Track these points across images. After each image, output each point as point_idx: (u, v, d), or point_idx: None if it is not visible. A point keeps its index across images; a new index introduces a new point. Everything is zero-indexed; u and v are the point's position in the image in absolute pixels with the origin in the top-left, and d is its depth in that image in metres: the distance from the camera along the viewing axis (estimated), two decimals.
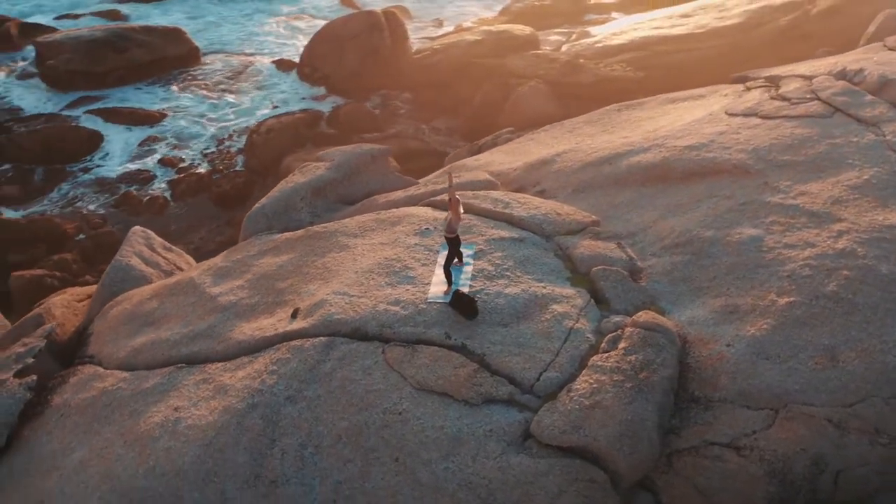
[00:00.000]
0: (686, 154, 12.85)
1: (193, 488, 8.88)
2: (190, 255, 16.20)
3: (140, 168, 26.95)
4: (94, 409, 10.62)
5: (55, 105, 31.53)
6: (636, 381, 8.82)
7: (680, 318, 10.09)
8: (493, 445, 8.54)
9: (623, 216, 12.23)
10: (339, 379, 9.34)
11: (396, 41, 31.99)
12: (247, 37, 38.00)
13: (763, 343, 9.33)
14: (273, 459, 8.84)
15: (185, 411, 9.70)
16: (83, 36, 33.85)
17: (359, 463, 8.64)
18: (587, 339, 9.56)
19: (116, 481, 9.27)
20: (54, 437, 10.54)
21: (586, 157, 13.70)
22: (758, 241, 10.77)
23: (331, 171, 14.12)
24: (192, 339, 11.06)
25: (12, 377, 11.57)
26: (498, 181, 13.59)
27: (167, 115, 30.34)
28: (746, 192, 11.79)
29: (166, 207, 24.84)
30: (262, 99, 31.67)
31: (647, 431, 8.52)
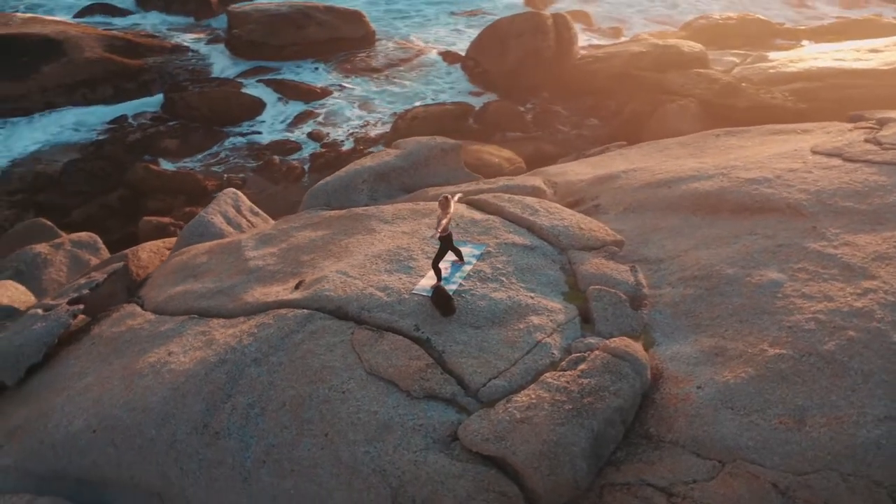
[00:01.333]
0: (745, 187, 12.24)
1: (152, 425, 9.67)
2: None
3: (289, 138, 28.75)
4: (116, 343, 11.72)
5: (232, 71, 34.23)
6: (577, 405, 8.67)
7: (664, 352, 9.75)
8: (417, 440, 8.70)
9: (659, 241, 11.87)
10: (304, 351, 9.82)
11: (561, 45, 32.02)
12: (422, 27, 39.31)
13: (734, 391, 8.87)
14: (222, 413, 9.46)
15: (175, 356, 10.53)
16: (269, 9, 36.43)
17: (293, 431, 9.07)
18: (552, 354, 9.48)
19: (100, 407, 10.25)
20: (79, 362, 11.73)
21: (650, 178, 13.35)
22: (776, 286, 10.16)
23: (398, 158, 14.61)
24: (214, 294, 11.92)
25: (65, 304, 12.96)
26: (551, 190, 13.53)
27: (330, 94, 32.09)
28: (789, 234, 11.10)
29: (301, 178, 26.35)
30: (421, 87, 32.74)
31: (572, 457, 8.36)
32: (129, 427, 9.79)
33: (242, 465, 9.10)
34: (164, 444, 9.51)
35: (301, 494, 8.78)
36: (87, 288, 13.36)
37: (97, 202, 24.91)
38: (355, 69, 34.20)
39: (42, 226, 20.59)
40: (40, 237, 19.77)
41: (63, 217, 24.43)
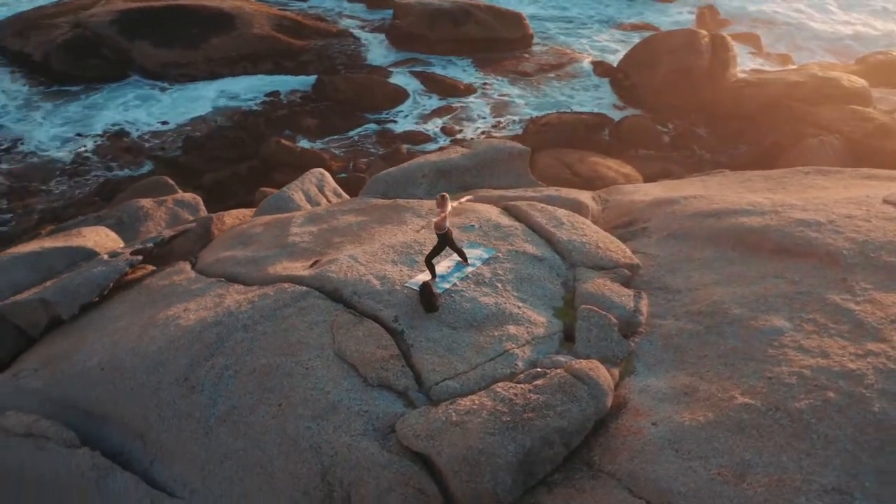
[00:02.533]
0: (791, 227, 11.61)
1: (143, 372, 10.52)
2: None
3: (422, 130, 29.57)
4: (156, 295, 12.74)
5: (385, 60, 35.53)
6: (516, 418, 8.67)
7: (638, 382, 9.53)
8: (358, 424, 9.01)
9: (687, 271, 11.50)
10: (288, 324, 10.34)
11: (716, 66, 30.95)
12: (584, 35, 39.07)
13: (685, 434, 8.57)
14: (202, 370, 10.15)
15: (186, 313, 11.36)
16: (433, 4, 37.46)
17: (255, 397, 9.62)
18: (514, 365, 9.50)
19: (114, 350, 11.24)
20: (121, 307, 12.85)
21: (705, 206, 12.90)
22: (776, 334, 9.66)
23: (463, 157, 14.87)
24: (247, 262, 12.68)
25: (128, 253, 14.16)
26: (599, 207, 13.37)
27: (473, 91, 32.67)
28: (815, 283, 10.47)
29: None
30: (564, 95, 32.69)
31: (495, 468, 8.38)
32: (127, 370, 10.67)
33: (207, 421, 9.73)
34: (149, 390, 10.30)
35: (248, 457, 9.30)
36: (153, 242, 14.50)
37: (229, 169, 26.67)
38: (504, 70, 34.58)
39: (164, 183, 22.34)
40: (159, 193, 21.43)
41: (196, 178, 26.36)
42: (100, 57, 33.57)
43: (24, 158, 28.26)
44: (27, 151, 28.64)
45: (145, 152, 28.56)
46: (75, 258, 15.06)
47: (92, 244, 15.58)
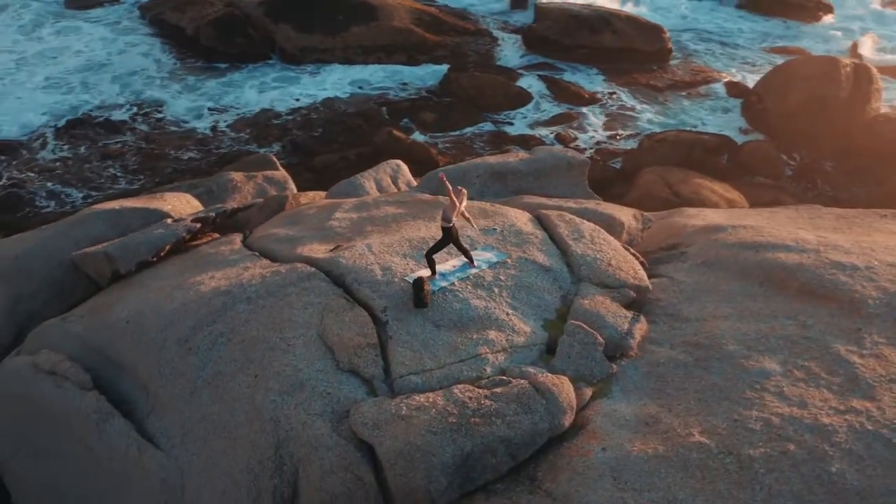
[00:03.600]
0: (824, 269, 10.98)
1: (155, 329, 11.24)
2: None
3: (536, 135, 29.52)
4: (200, 261, 13.50)
5: (517, 62, 35.61)
6: (462, 421, 8.73)
7: (606, 406, 9.36)
8: (318, 405, 9.33)
9: (704, 302, 11.11)
10: (286, 302, 10.79)
11: (856, 97, 29.08)
12: (727, 56, 37.55)
13: (629, 464, 8.38)
14: (201, 334, 10.75)
15: (210, 280, 12.03)
16: (572, 10, 37.21)
17: (237, 365, 10.14)
18: (482, 370, 9.55)
19: (142, 306, 12.06)
20: (170, 269, 13.70)
21: (749, 237, 12.36)
22: (762, 377, 9.24)
23: (521, 162, 14.87)
24: (284, 240, 13.24)
25: (189, 220, 14.98)
26: (640, 226, 13.07)
27: (597, 101, 32.23)
28: (825, 329, 9.90)
29: None
30: (689, 113, 31.73)
31: (429, 467, 8.50)
32: (144, 325, 11.42)
33: (194, 382, 10.31)
34: (156, 347, 11.00)
35: (220, 421, 9.81)
36: (215, 212, 15.31)
37: (340, 154, 27.58)
38: (633, 82, 33.88)
39: (269, 160, 23.40)
40: (263, 168, 22.46)
41: (309, 160, 27.44)
42: (245, 36, 35.43)
43: (161, 124, 30.25)
44: (166, 118, 30.63)
45: (272, 130, 29.92)
46: (150, 219, 16.06)
47: (169, 208, 16.55)
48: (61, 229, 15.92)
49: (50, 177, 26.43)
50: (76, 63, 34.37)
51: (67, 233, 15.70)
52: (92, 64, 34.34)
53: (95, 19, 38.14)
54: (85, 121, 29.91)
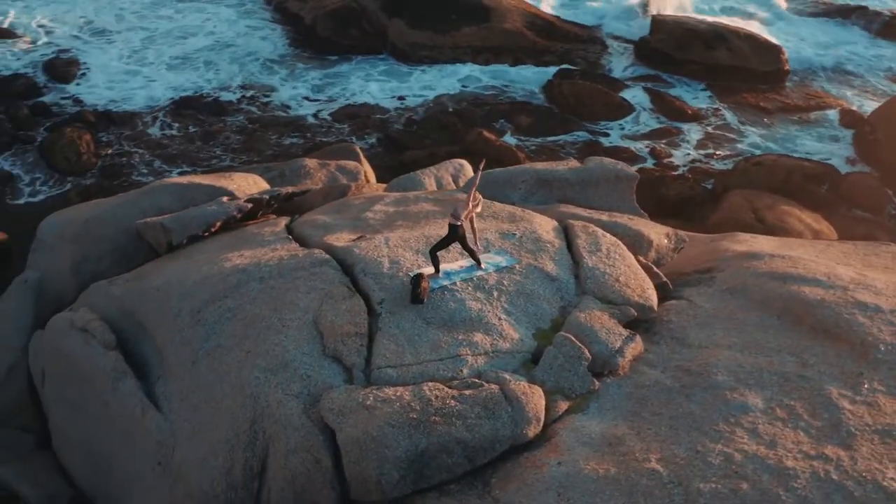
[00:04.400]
0: (844, 308, 10.43)
1: (176, 298, 11.83)
2: None
3: (631, 148, 28.98)
4: (243, 239, 14.01)
5: (624, 73, 35.00)
6: (422, 418, 8.83)
7: (577, 422, 9.28)
8: (296, 386, 9.62)
9: (715, 328, 10.76)
10: (292, 285, 11.14)
11: None
12: (848, 82, 35.61)
13: (578, 482, 8.29)
14: (212, 306, 11.26)
15: (238, 258, 12.52)
16: (688, 24, 36.26)
17: (235, 340, 10.56)
18: (458, 371, 9.61)
19: (174, 276, 12.67)
20: (214, 244, 14.24)
21: (782, 268, 11.84)
22: (741, 411, 8.93)
23: (569, 170, 14.71)
24: (319, 227, 13.62)
25: (242, 200, 15.55)
26: (672, 245, 12.74)
27: (701, 119, 31.23)
28: (824, 370, 9.44)
29: None
30: (790, 139, 30.38)
31: (382, 459, 8.65)
32: (168, 294, 12.05)
33: (196, 353, 10.79)
34: (173, 315, 11.56)
35: (210, 391, 10.26)
36: (269, 195, 15.85)
37: (429, 150, 27.89)
38: (741, 103, 32.65)
39: (351, 150, 23.93)
40: (345, 158, 23.01)
41: (397, 154, 27.91)
42: (359, 29, 36.28)
43: (267, 108, 31.38)
44: (272, 103, 31.74)
45: (371, 123, 30.55)
46: (214, 196, 16.74)
47: (234, 187, 17.20)
48: (131, 198, 16.80)
49: (154, 150, 27.86)
50: (201, 43, 36.02)
51: (136, 202, 16.54)
52: (215, 45, 35.96)
53: (218, 0, 39.79)
54: (196, 99, 31.32)
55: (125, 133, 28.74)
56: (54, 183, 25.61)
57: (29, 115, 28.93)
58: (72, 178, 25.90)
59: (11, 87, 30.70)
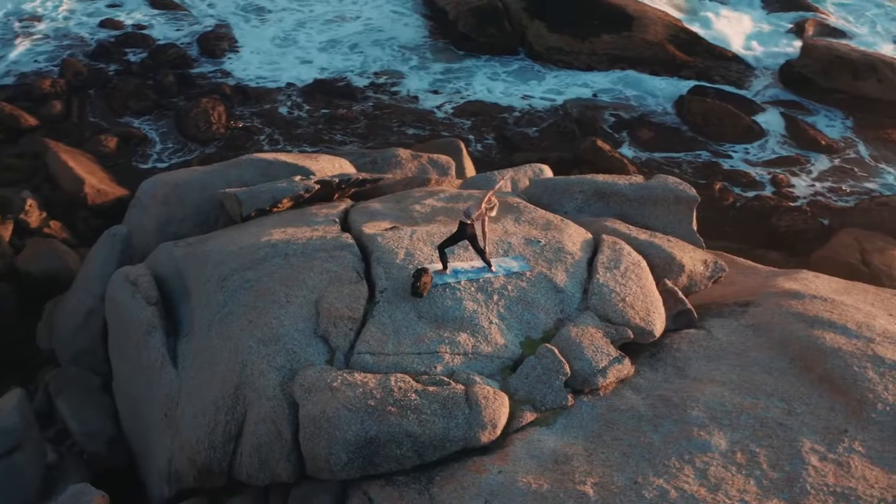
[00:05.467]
0: (857, 361, 9.76)
1: (212, 264, 12.63)
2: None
3: (751, 172, 27.71)
4: (296, 218, 14.42)
5: (762, 95, 33.43)
6: (379, 406, 9.06)
7: (538, 434, 9.27)
8: (281, 359, 10.08)
9: (719, 363, 10.36)
10: (309, 264, 11.61)
11: None
12: None
13: (508, 492, 8.36)
14: (235, 276, 11.93)
15: (278, 234, 13.03)
16: (839, 51, 34.04)
17: (244, 310, 11.16)
18: (432, 367, 9.72)
19: (221, 245, 13.35)
20: (274, 220, 14.79)
21: (811, 311, 11.15)
22: (700, 450, 8.67)
23: (628, 186, 14.38)
24: (366, 214, 13.99)
25: (312, 182, 16.11)
26: (707, 271, 12.27)
27: (835, 150, 29.29)
28: (807, 422, 8.92)
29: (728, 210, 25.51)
30: None
31: (332, 440, 8.99)
32: (207, 259, 12.87)
33: (212, 317, 11.42)
34: (203, 280, 12.33)
35: (213, 354, 10.88)
36: (339, 178, 16.36)
37: (541, 154, 27.76)
38: (882, 138, 30.26)
39: (455, 146, 24.22)
40: (448, 152, 23.29)
41: (508, 155, 27.97)
42: (499, 28, 36.45)
43: (395, 97, 32.14)
44: (401, 93, 32.49)
45: (492, 122, 30.69)
46: (294, 174, 17.45)
47: (317, 168, 17.88)
48: (220, 168, 17.78)
49: (279, 128, 29.16)
50: (351, 28, 37.17)
51: (224, 172, 17.50)
52: (363, 31, 37.00)
53: None
54: (330, 83, 32.45)
55: (256, 109, 30.18)
56: (182, 150, 27.29)
57: (174, 84, 30.75)
58: (198, 147, 27.42)
59: (164, 56, 32.70)
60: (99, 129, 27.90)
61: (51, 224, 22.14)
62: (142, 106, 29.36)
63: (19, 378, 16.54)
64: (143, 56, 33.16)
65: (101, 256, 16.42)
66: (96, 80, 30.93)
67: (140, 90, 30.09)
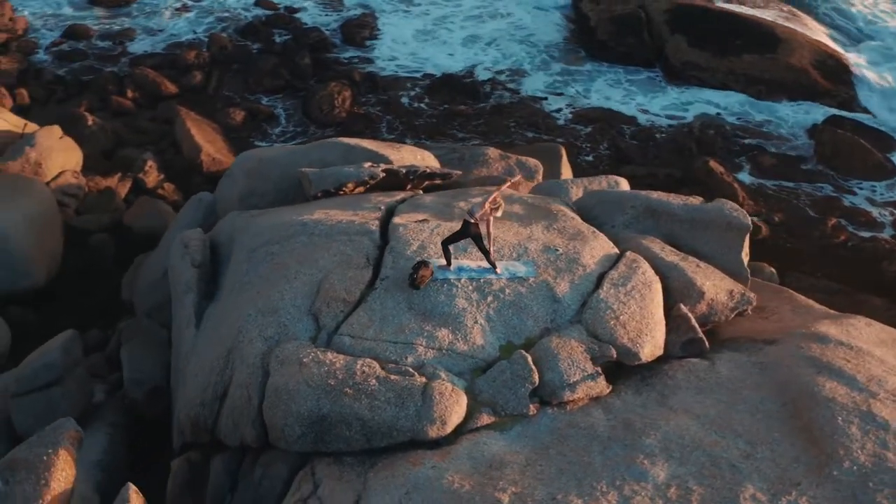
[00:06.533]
0: (846, 415, 9.11)
1: (251, 236, 13.22)
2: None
3: (871, 212, 25.93)
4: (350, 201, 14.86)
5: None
6: (338, 386, 9.37)
7: (488, 437, 9.27)
8: (271, 330, 10.59)
9: (706, 395, 9.98)
10: (327, 245, 12.06)
11: None
12: None
13: (427, 489, 8.51)
14: (263, 248, 12.56)
15: (319, 213, 13.42)
16: None
17: (259, 281, 11.78)
18: (403, 357, 9.90)
19: (265, 219, 13.87)
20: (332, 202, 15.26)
21: (827, 357, 10.42)
22: (634, 478, 8.47)
23: (681, 207, 13.86)
24: (412, 205, 14.18)
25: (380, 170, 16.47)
26: (731, 303, 11.77)
27: None
28: (765, 470, 8.49)
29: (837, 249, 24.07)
30: None
31: (287, 412, 9.44)
32: (248, 230, 13.42)
33: (234, 284, 12.12)
34: (239, 247, 12.99)
35: (224, 318, 11.60)
36: (406, 169, 16.66)
37: (650, 169, 27.10)
38: None
39: (556, 151, 24.03)
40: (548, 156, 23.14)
41: (618, 167, 27.39)
42: (637, 38, 35.69)
43: (518, 97, 32.01)
44: (523, 94, 32.41)
45: (609, 132, 29.99)
46: (372, 160, 17.91)
47: (396, 158, 18.26)
48: (304, 149, 18.54)
49: (399, 117, 29.79)
50: (493, 25, 37.37)
51: (307, 152, 18.21)
52: (503, 28, 37.10)
53: None
54: (457, 78, 32.73)
55: (382, 97, 30.94)
56: (302, 130, 28.32)
57: (309, 66, 31.86)
58: (318, 129, 28.41)
59: (306, 39, 33.93)
60: (230, 103, 29.47)
61: (165, 186, 23.66)
62: (275, 85, 30.65)
63: (101, 324, 17.94)
64: (287, 38, 34.50)
65: (186, 219, 17.46)
66: (239, 55, 32.57)
67: (276, 69, 31.40)
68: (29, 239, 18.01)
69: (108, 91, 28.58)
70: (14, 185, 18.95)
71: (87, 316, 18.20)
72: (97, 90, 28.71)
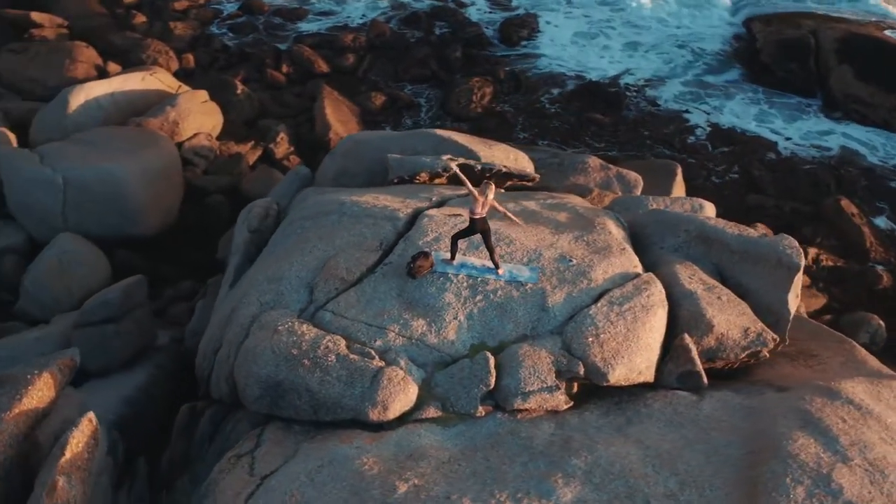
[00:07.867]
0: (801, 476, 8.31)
1: (297, 209, 13.90)
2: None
3: None
4: (413, 190, 15.16)
5: None
6: (298, 357, 9.79)
7: (429, 429, 9.39)
8: (268, 297, 11.30)
9: (675, 428, 9.46)
10: (350, 226, 12.39)
11: None
12: None
13: (340, 466, 8.66)
14: (299, 222, 13.17)
15: (369, 198, 13.75)
16: None
17: (284, 251, 12.43)
18: (371, 339, 10.13)
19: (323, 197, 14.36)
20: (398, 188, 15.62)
21: (820, 411, 9.65)
22: (538, 495, 8.21)
23: (735, 237, 12.99)
24: (462, 200, 14.23)
25: (455, 164, 16.63)
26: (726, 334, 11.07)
27: None
28: None
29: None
30: None
31: (249, 373, 10.02)
32: (299, 205, 13.90)
33: (268, 251, 12.65)
34: (287, 220, 13.44)
35: (242, 284, 11.99)
36: (482, 165, 16.71)
37: (776, 201, 25.33)
38: None
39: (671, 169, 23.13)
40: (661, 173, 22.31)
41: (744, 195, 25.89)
42: (801, 65, 33.56)
43: (657, 110, 30.64)
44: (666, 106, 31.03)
45: (741, 157, 28.15)
46: (461, 154, 18.06)
47: (486, 155, 18.31)
48: (399, 135, 19.05)
49: (532, 118, 29.58)
50: (654, 35, 36.44)
51: (401, 140, 18.68)
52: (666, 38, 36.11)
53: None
54: (602, 86, 31.96)
55: (522, 98, 30.84)
56: (437, 122, 28.61)
57: (458, 59, 32.23)
58: (453, 122, 28.67)
59: (463, 33, 34.22)
60: (374, 87, 30.37)
61: (290, 158, 24.81)
62: (421, 74, 31.32)
63: (197, 277, 19.14)
64: (447, 30, 35.01)
65: (282, 189, 18.31)
66: (395, 43, 33.42)
67: (426, 60, 32.01)
68: (146, 190, 19.43)
69: (266, 64, 30.29)
70: (143, 140, 20.55)
71: (187, 268, 19.49)
72: (256, 62, 30.50)
